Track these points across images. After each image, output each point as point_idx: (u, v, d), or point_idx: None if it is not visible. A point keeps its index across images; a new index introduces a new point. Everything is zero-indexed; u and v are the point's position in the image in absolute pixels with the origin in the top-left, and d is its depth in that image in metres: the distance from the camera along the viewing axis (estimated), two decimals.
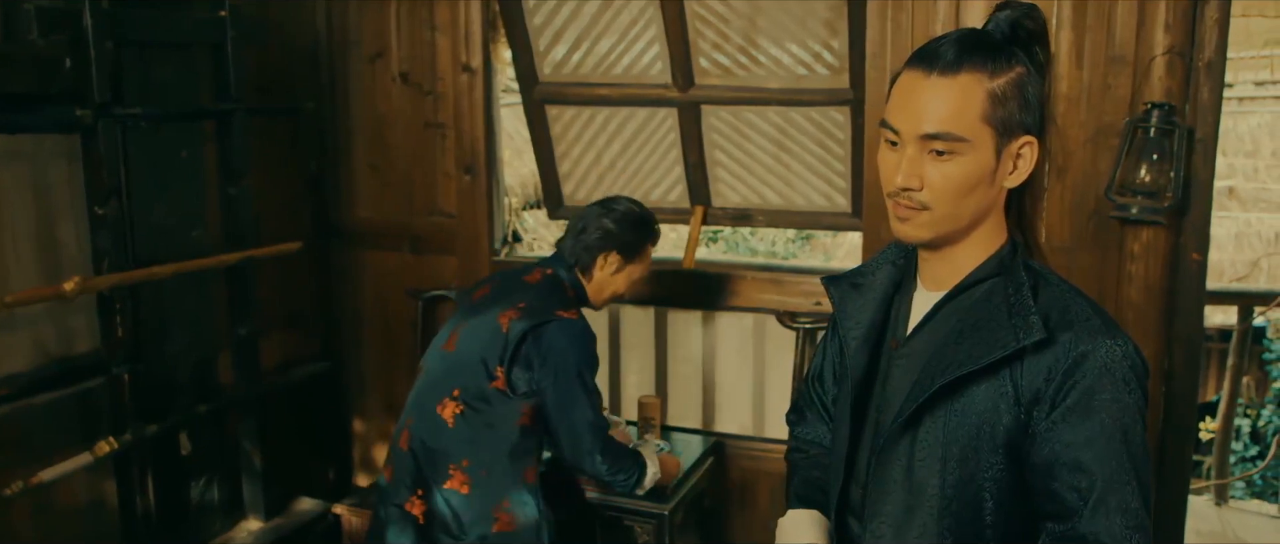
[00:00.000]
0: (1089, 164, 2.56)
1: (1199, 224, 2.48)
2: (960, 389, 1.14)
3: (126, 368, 2.48)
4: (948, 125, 1.11)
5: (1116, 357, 1.09)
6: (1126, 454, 1.08)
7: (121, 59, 2.46)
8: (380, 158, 3.33)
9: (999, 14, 1.14)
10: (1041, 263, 1.21)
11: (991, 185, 1.14)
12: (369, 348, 3.45)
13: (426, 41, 3.18)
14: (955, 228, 1.17)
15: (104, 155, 2.38)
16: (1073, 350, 1.09)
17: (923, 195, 1.14)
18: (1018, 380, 1.11)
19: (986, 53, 1.11)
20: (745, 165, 3.07)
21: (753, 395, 3.08)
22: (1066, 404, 1.09)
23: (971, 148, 1.11)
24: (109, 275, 2.40)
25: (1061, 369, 1.09)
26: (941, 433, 1.15)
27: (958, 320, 1.18)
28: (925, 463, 1.17)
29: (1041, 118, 1.14)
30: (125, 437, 2.47)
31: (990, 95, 1.11)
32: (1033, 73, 1.13)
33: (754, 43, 2.84)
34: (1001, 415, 1.12)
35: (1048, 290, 1.15)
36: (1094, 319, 1.12)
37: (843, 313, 1.33)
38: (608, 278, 2.37)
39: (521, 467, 2.14)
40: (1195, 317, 2.53)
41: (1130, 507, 1.07)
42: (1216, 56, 2.39)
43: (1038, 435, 1.11)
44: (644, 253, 2.44)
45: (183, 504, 2.81)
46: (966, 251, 1.19)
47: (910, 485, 1.18)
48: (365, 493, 2.93)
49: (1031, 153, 1.14)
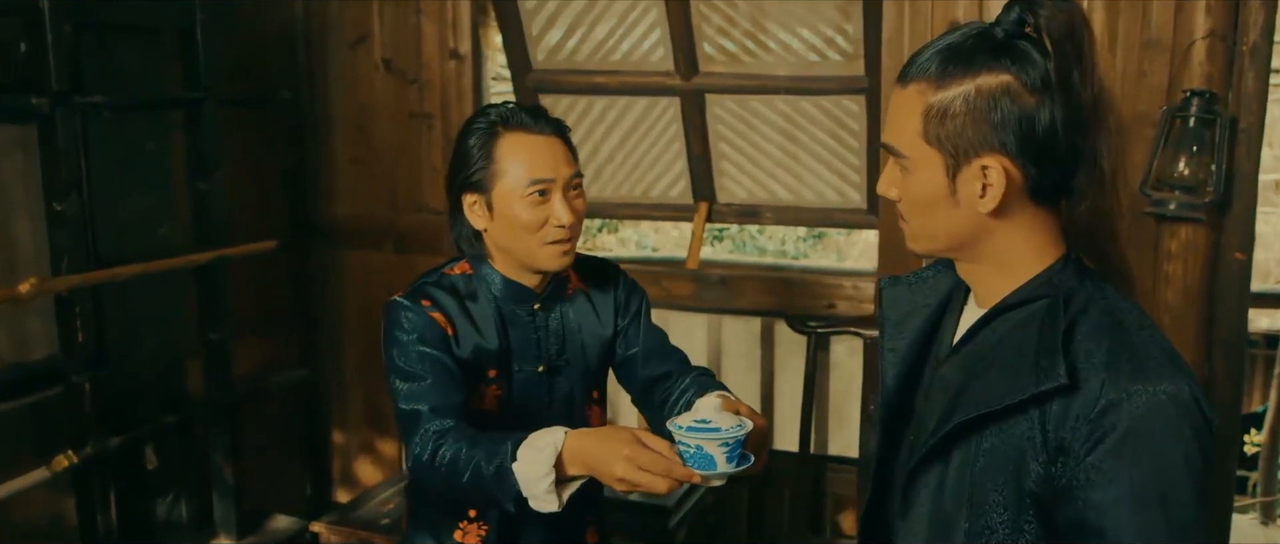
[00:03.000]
0: (1122, 156, 2.53)
1: (1243, 221, 2.45)
2: (987, 427, 1.08)
3: (87, 376, 2.47)
4: (890, 137, 1.12)
5: (1159, 404, 0.99)
6: (1162, 518, 0.98)
7: (81, 43, 2.44)
8: (362, 150, 3.31)
9: (1007, 13, 1.07)
10: (1123, 284, 1.12)
11: (958, 207, 1.09)
12: (350, 354, 3.44)
13: (411, 26, 3.17)
14: (947, 246, 1.15)
15: (62, 147, 2.37)
16: (1103, 397, 1.00)
17: (900, 206, 1.16)
18: (1047, 427, 1.03)
19: (943, 62, 1.07)
20: (752, 158, 3.05)
21: (761, 404, 3.06)
22: (1091, 460, 1.00)
23: (914, 165, 1.10)
24: (68, 276, 2.38)
25: (1088, 418, 1.01)
26: (970, 473, 1.10)
27: (994, 346, 1.12)
28: (952, 502, 1.12)
29: (1030, 134, 1.04)
30: (86, 450, 2.45)
31: (927, 111, 1.07)
32: (1023, 80, 1.04)
33: (762, 27, 2.83)
34: (1029, 464, 1.05)
35: (1092, 319, 1.06)
36: (1140, 358, 1.02)
37: (888, 319, 1.30)
38: (485, 224, 1.68)
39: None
40: (1238, 321, 2.50)
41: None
42: (1262, 40, 2.36)
43: (1062, 492, 1.03)
44: (492, 161, 1.62)
45: (148, 522, 2.80)
46: (995, 271, 1.13)
47: (938, 524, 1.14)
48: (345, 509, 2.91)
49: (999, 177, 1.05)
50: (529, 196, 1.60)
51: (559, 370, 1.74)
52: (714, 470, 1.36)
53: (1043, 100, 1.04)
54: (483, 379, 1.68)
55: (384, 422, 3.40)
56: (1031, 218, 1.10)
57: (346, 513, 2.85)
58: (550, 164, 1.61)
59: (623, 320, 1.81)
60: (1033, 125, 1.04)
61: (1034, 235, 1.11)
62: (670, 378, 1.77)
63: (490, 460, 1.45)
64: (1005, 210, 1.08)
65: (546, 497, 1.41)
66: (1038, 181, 1.07)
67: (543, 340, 1.72)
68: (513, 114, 1.63)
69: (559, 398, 1.74)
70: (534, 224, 1.61)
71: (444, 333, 1.64)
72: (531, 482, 1.41)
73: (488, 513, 1.71)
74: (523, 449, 1.43)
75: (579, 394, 1.77)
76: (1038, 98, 1.04)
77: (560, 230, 1.62)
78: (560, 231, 1.62)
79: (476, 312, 1.67)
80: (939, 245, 1.15)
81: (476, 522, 1.72)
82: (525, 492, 1.42)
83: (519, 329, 1.70)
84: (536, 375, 1.72)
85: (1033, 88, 1.04)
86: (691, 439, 1.35)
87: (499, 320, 1.68)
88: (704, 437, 1.35)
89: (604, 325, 1.79)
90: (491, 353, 1.68)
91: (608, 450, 1.38)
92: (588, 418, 1.79)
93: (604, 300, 1.79)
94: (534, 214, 1.61)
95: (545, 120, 1.65)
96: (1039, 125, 1.04)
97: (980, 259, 1.14)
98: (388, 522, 2.72)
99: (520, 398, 1.72)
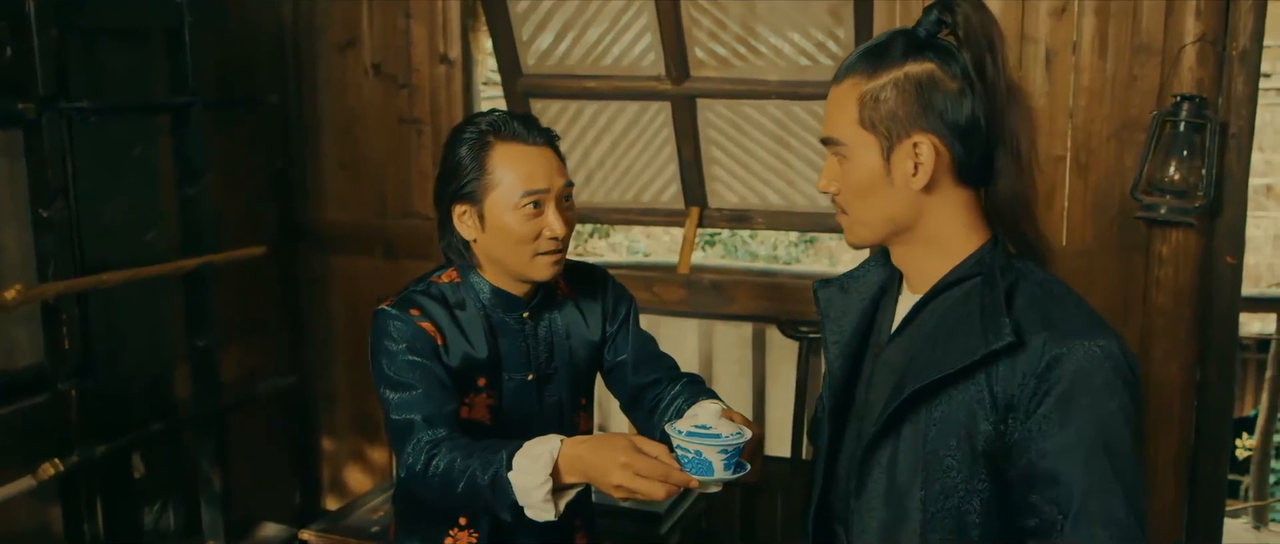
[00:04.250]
0: (1113, 161, 2.55)
1: (1233, 225, 2.47)
2: (937, 397, 1.17)
3: (73, 383, 2.46)
4: (829, 129, 1.23)
5: (1096, 358, 1.10)
6: (1109, 463, 1.08)
7: (67, 47, 2.44)
8: (351, 155, 3.31)
9: (927, 16, 1.20)
10: (1041, 261, 1.24)
11: (893, 187, 1.19)
12: (338, 360, 3.43)
13: (401, 30, 3.17)
14: (884, 231, 1.24)
15: (48, 152, 2.36)
16: (1046, 354, 1.10)
17: (840, 199, 1.25)
18: (994, 387, 1.13)
19: (872, 56, 1.19)
20: (744, 163, 3.05)
21: (753, 409, 3.07)
22: (1041, 412, 1.10)
23: (851, 151, 1.21)
24: (54, 283, 2.38)
25: (1034, 373, 1.11)
26: (922, 443, 1.18)
27: (934, 324, 1.22)
28: (906, 473, 1.20)
29: (954, 116, 1.16)
30: (72, 458, 2.44)
31: (862, 98, 1.19)
32: (945, 70, 1.16)
33: (753, 32, 2.84)
34: (980, 424, 1.14)
35: (1026, 289, 1.17)
36: (1074, 319, 1.14)
37: (827, 317, 1.38)
38: (475, 234, 1.66)
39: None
40: (1230, 325, 2.52)
41: (1115, 517, 1.08)
42: (1251, 45, 2.38)
43: (1014, 446, 1.13)
44: (485, 172, 1.60)
45: (135, 531, 2.79)
46: (931, 253, 1.23)
47: (893, 497, 1.21)
48: (335, 518, 2.91)
49: (929, 153, 1.17)
50: (523, 208, 1.59)
51: (548, 378, 1.74)
52: (712, 476, 1.36)
53: (964, 88, 1.16)
54: (472, 388, 1.68)
55: (373, 428, 3.39)
56: (960, 199, 1.21)
57: (335, 520, 2.84)
58: (544, 175, 1.61)
59: (611, 327, 1.81)
60: (956, 107, 1.16)
61: (963, 216, 1.22)
62: (660, 385, 1.77)
63: (485, 470, 1.45)
64: (936, 189, 1.19)
65: (543, 506, 1.41)
66: (964, 160, 1.18)
67: (532, 349, 1.72)
68: (505, 123, 1.62)
69: (549, 406, 1.74)
70: (528, 236, 1.61)
71: (434, 342, 1.63)
72: (528, 491, 1.41)
73: (478, 520, 1.71)
74: (518, 458, 1.42)
75: (568, 401, 1.77)
76: (959, 84, 1.16)
77: (553, 242, 1.62)
78: (553, 243, 1.62)
79: (465, 320, 1.67)
80: (877, 232, 1.24)
81: (467, 529, 1.72)
82: (521, 501, 1.42)
83: (508, 337, 1.70)
84: (526, 383, 1.72)
85: (954, 76, 1.16)
86: (692, 445, 1.36)
87: (488, 329, 1.68)
88: (704, 442, 1.36)
89: (592, 332, 1.79)
90: (481, 362, 1.67)
91: (604, 458, 1.38)
92: (577, 424, 1.79)
93: (592, 307, 1.79)
94: (528, 226, 1.60)
95: (537, 130, 1.64)
96: (961, 108, 1.16)
97: (916, 242, 1.23)
98: (377, 529, 2.72)
99: (510, 406, 1.71)
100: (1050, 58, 2.58)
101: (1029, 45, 2.59)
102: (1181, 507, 2.60)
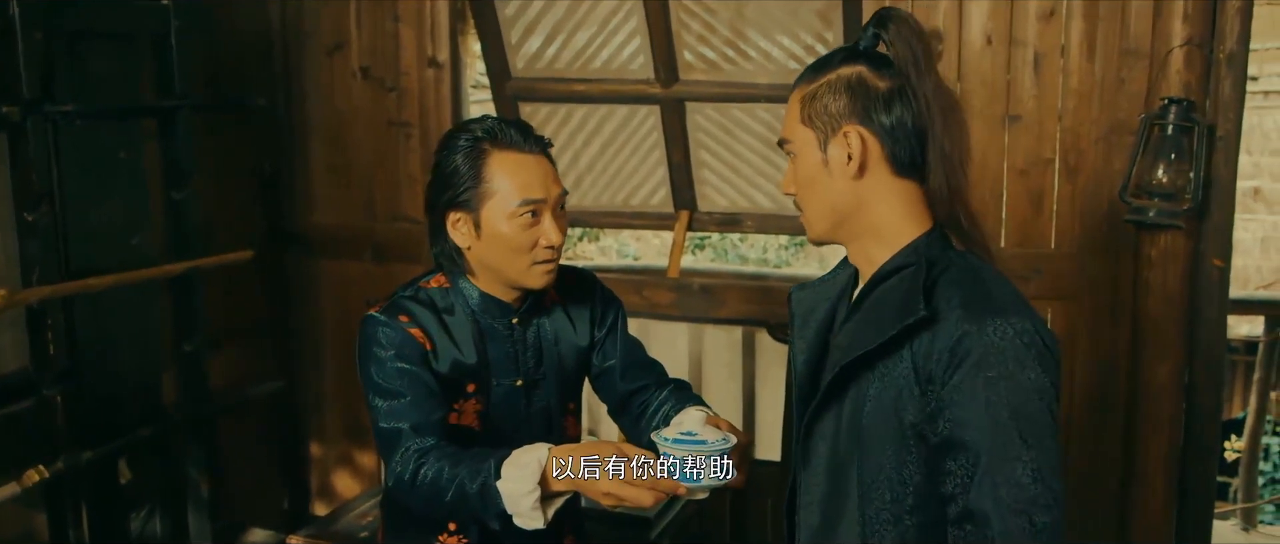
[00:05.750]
0: (1101, 164, 2.56)
1: (1221, 228, 2.48)
2: (867, 375, 1.25)
3: (59, 389, 2.45)
4: (783, 132, 1.35)
5: (1007, 335, 1.17)
6: (1015, 429, 1.15)
7: (53, 50, 2.43)
8: (339, 159, 3.30)
9: (865, 32, 1.33)
10: (979, 249, 1.31)
11: (832, 176, 1.30)
12: (327, 365, 3.42)
13: (389, 33, 3.16)
14: (831, 221, 1.33)
15: (33, 156, 2.35)
16: (959, 329, 1.18)
17: (798, 198, 1.36)
18: (917, 362, 1.21)
19: (815, 67, 1.33)
20: (733, 166, 3.06)
21: (743, 413, 3.07)
22: (952, 383, 1.18)
23: (797, 148, 1.32)
24: (39, 287, 2.37)
25: (948, 348, 1.18)
26: (860, 419, 1.26)
27: (870, 308, 1.30)
28: (847, 446, 1.28)
29: (882, 111, 1.27)
30: (57, 465, 2.43)
31: (802, 99, 1.31)
32: (875, 73, 1.28)
33: (742, 35, 2.84)
34: (907, 400, 1.22)
35: (953, 274, 1.25)
36: (992, 300, 1.21)
37: (796, 316, 1.45)
38: (470, 242, 1.66)
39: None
40: (1218, 327, 2.53)
41: (1018, 481, 1.14)
42: (1239, 48, 2.40)
43: (930, 417, 1.20)
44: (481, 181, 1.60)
45: (122, 538, 2.77)
46: (873, 245, 1.32)
47: (834, 470, 1.30)
48: (323, 523, 2.90)
49: (858, 142, 1.27)
50: (521, 217, 1.59)
51: (537, 384, 1.74)
52: (699, 483, 1.39)
53: (892, 89, 1.27)
54: (461, 394, 1.67)
55: (362, 433, 3.38)
56: (897, 189, 1.30)
57: (324, 526, 2.83)
58: (542, 184, 1.61)
59: (599, 332, 1.81)
60: (885, 103, 1.27)
61: (901, 206, 1.30)
62: (648, 390, 1.78)
63: (474, 479, 1.45)
64: (872, 178, 1.29)
65: (531, 514, 1.41)
66: (892, 151, 1.28)
67: (520, 354, 1.72)
68: (501, 131, 1.61)
69: (537, 411, 1.74)
70: (525, 245, 1.60)
71: (422, 349, 1.63)
72: (516, 499, 1.41)
73: (468, 527, 1.71)
74: (506, 466, 1.42)
75: (556, 406, 1.77)
76: (888, 85, 1.27)
77: (549, 251, 1.62)
78: (549, 252, 1.62)
79: (454, 326, 1.67)
80: (828, 224, 1.34)
81: (456, 534, 1.72)
82: (510, 509, 1.42)
83: (497, 343, 1.70)
84: (514, 389, 1.72)
85: (882, 77, 1.28)
86: (678, 451, 1.38)
87: (477, 335, 1.68)
88: (691, 449, 1.38)
89: (580, 337, 1.79)
90: (469, 367, 1.67)
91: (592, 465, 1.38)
92: (565, 430, 1.79)
93: (580, 312, 1.79)
94: (525, 235, 1.60)
95: (533, 138, 1.64)
96: (892, 107, 1.27)
97: (861, 233, 1.32)
98: (366, 534, 2.71)
99: (498, 412, 1.71)
100: (1039, 61, 2.59)
101: (1017, 49, 2.61)
102: (1171, 508, 2.61)
